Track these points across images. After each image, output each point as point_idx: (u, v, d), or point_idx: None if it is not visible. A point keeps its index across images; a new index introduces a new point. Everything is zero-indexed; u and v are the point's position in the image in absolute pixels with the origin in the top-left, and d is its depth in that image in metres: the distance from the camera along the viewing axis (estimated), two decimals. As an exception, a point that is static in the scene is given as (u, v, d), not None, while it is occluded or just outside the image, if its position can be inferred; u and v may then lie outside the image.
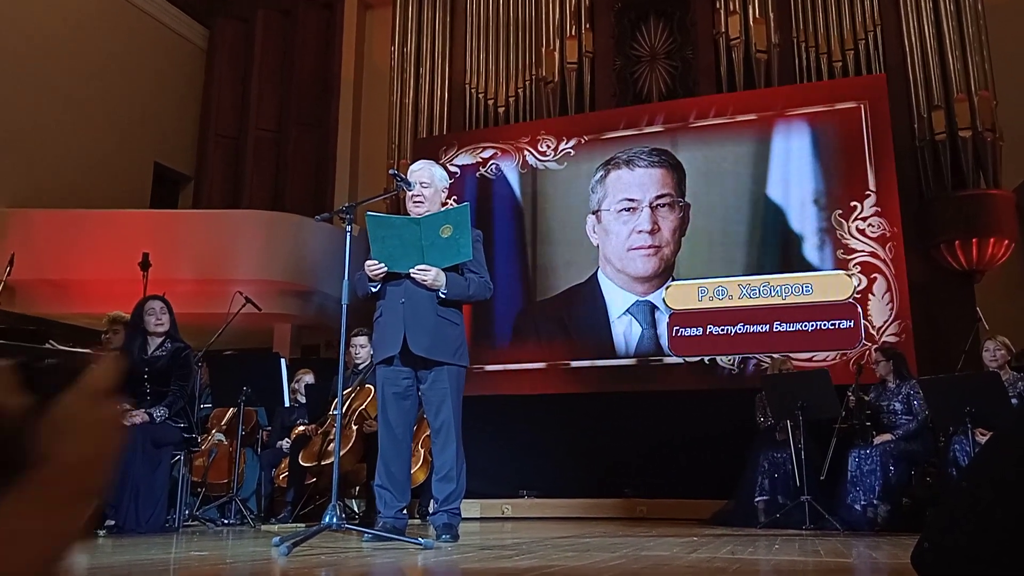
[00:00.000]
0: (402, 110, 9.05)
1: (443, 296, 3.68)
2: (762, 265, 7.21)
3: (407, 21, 9.26)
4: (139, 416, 4.58)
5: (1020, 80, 7.18)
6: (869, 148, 7.12)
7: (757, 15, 7.78)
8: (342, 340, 3.63)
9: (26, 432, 0.51)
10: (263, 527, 5.27)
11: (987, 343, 5.58)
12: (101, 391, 0.55)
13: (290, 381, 6.05)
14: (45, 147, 8.53)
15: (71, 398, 0.54)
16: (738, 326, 7.11)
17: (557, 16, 8.56)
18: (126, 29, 9.69)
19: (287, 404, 5.95)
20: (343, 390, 4.04)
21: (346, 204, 3.79)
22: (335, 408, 5.26)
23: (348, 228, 3.58)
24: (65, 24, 8.87)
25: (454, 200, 7.37)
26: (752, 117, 7.55)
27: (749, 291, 7.14)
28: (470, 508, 6.33)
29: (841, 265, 7.00)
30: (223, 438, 6.20)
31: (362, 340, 5.63)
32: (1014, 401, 4.94)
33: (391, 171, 4.53)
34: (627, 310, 7.46)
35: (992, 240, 6.92)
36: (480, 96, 8.78)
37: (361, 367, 5.63)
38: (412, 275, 3.64)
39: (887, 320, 6.79)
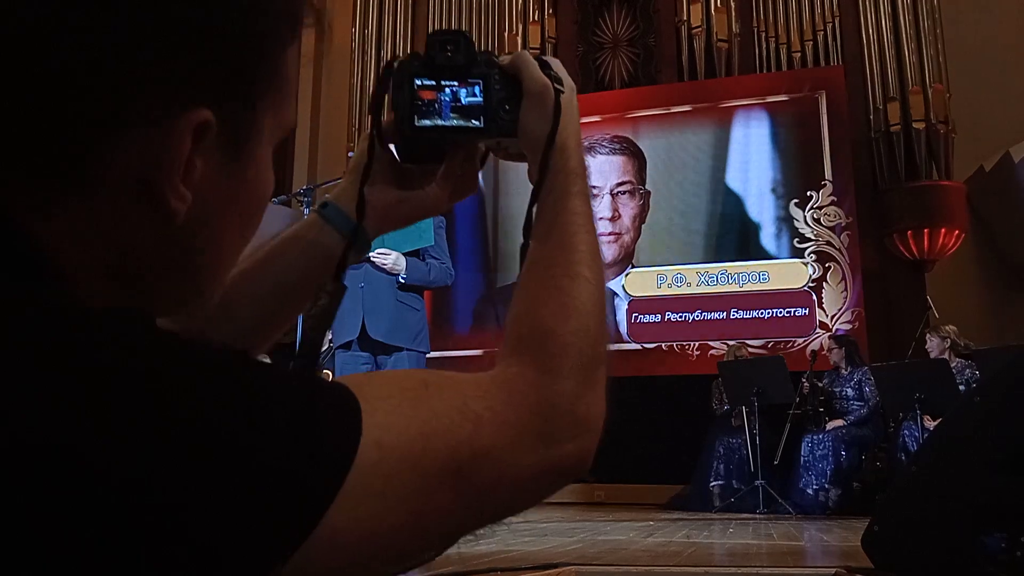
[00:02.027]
0: (363, 92, 8.94)
1: (403, 281, 3.66)
2: (720, 253, 7.28)
3: (368, 2, 9.14)
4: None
5: (973, 73, 7.32)
6: (826, 138, 7.22)
7: (719, 4, 7.81)
8: (299, 324, 3.59)
9: None
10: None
11: (927, 335, 5.74)
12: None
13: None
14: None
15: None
16: (696, 313, 7.17)
17: (520, 1, 8.51)
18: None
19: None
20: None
21: (304, 186, 3.75)
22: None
23: (306, 211, 3.54)
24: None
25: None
26: (712, 106, 7.60)
27: (707, 279, 7.21)
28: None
29: (797, 254, 7.09)
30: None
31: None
32: (962, 388, 5.06)
33: (351, 153, 4.48)
34: (587, 296, 7.48)
35: (943, 230, 7.06)
36: (442, 80, 8.71)
37: (319, 352, 5.59)
38: (371, 259, 3.61)
39: (841, 308, 6.91)
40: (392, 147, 0.69)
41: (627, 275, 7.40)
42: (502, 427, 0.46)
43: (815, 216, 7.11)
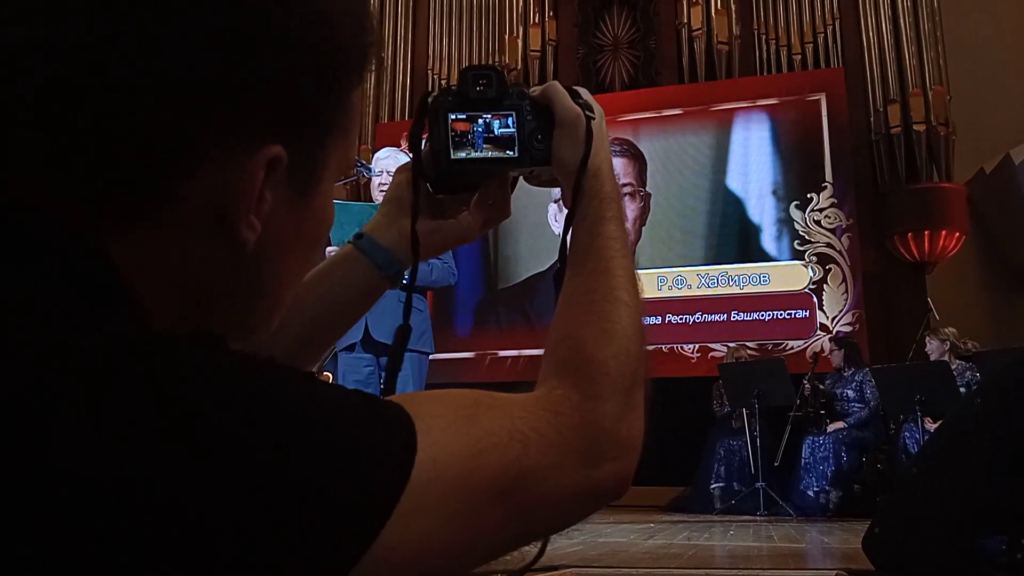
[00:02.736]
0: (363, 96, 8.95)
1: (405, 281, 3.66)
2: (721, 255, 7.28)
3: (369, 4, 9.15)
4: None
5: (973, 75, 7.32)
6: (826, 141, 7.22)
7: (719, 6, 7.82)
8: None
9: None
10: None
11: (927, 337, 5.74)
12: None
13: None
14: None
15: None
16: (696, 315, 7.17)
17: (521, 3, 8.52)
18: None
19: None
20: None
21: (306, 189, 3.75)
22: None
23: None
24: None
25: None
26: (713, 108, 7.60)
27: (708, 281, 7.21)
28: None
29: (798, 256, 7.09)
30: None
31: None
32: (962, 390, 5.06)
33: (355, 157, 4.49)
34: (588, 298, 7.48)
35: (944, 232, 7.06)
36: (442, 82, 8.71)
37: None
38: (373, 260, 3.61)
39: (841, 310, 6.91)
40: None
41: (628, 277, 7.40)
42: (548, 449, 0.47)
43: (815, 218, 7.11)
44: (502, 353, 7.63)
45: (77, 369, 0.33)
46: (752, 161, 7.40)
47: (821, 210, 7.10)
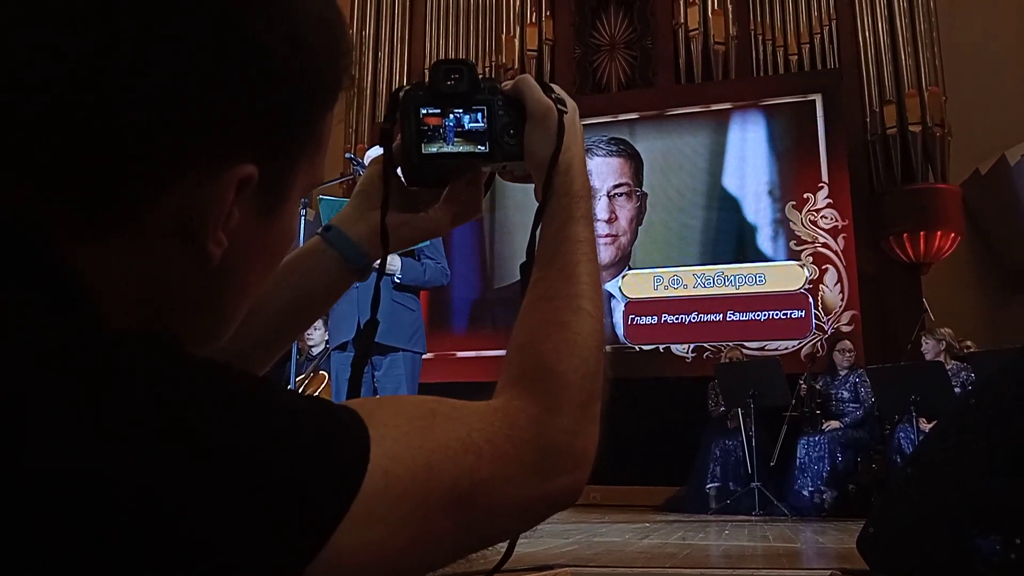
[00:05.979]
0: (360, 94, 8.94)
1: (398, 281, 3.65)
2: (717, 255, 7.28)
3: (366, 4, 9.14)
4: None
5: (969, 76, 7.33)
6: (822, 141, 7.23)
7: (716, 7, 7.83)
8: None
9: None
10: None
11: (923, 337, 5.75)
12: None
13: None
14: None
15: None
16: (692, 315, 7.17)
17: (518, 3, 8.51)
18: None
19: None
20: (296, 376, 4.00)
21: (301, 188, 3.75)
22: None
23: (302, 212, 3.53)
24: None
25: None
26: (709, 108, 7.61)
27: (704, 281, 7.21)
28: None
29: (793, 256, 7.10)
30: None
31: (316, 323, 5.57)
32: (957, 390, 5.07)
33: (347, 155, 4.48)
34: (583, 298, 7.47)
35: (939, 233, 7.08)
36: (439, 81, 8.70)
37: (315, 352, 5.57)
38: (367, 259, 3.61)
39: (837, 310, 6.91)
40: (399, 170, 0.71)
41: (624, 277, 7.40)
42: (502, 460, 0.48)
43: (811, 218, 7.12)
44: (497, 353, 7.61)
45: (77, 369, 0.34)
46: (748, 161, 7.41)
47: (817, 210, 7.11)
